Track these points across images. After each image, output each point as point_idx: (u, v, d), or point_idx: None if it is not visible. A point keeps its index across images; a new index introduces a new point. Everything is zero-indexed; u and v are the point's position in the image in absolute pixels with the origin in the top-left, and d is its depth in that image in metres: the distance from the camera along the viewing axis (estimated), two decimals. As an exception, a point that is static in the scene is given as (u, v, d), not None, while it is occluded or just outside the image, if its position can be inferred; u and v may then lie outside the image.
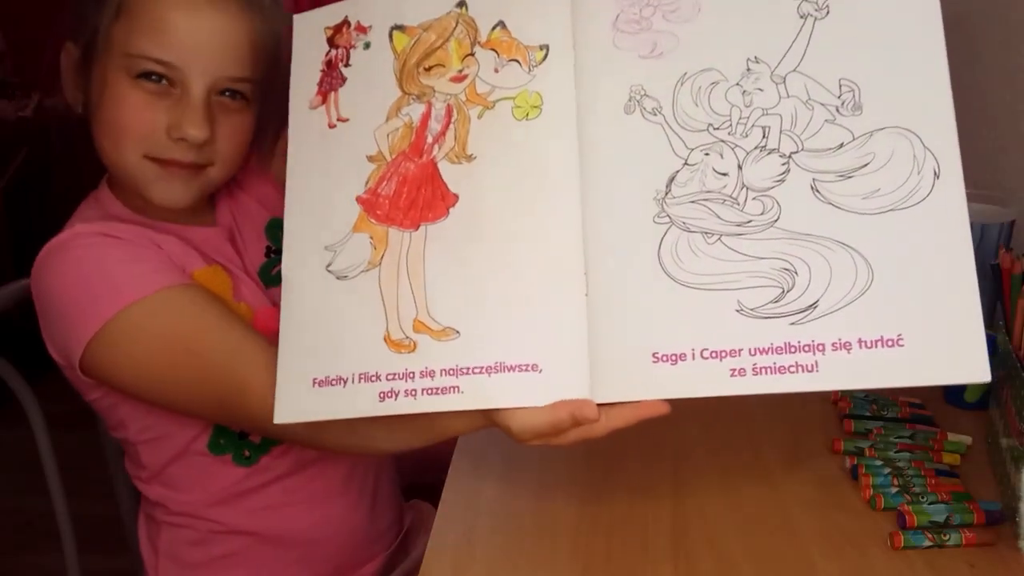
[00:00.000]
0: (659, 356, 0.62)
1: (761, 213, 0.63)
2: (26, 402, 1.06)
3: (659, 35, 0.67)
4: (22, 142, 2.69)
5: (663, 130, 0.66)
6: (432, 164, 0.70)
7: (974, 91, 1.20)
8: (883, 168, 0.62)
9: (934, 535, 0.75)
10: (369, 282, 0.69)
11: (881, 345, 0.59)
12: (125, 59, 0.81)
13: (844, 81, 0.64)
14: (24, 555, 2.01)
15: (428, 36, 0.72)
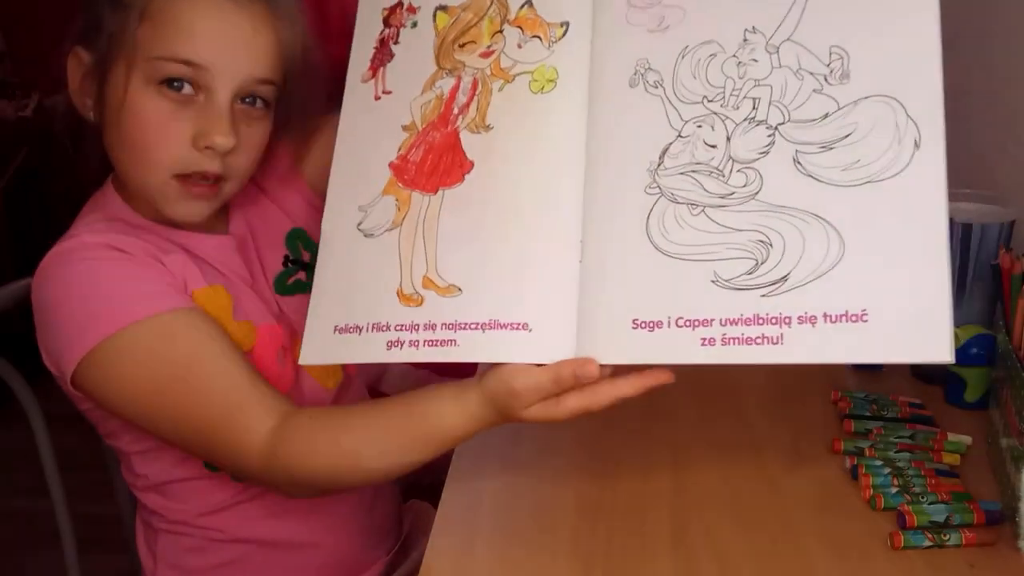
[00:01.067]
0: (639, 323, 0.64)
1: (744, 185, 0.64)
2: (26, 402, 1.06)
3: (667, 9, 0.69)
4: (22, 142, 2.69)
5: (662, 103, 0.67)
6: (455, 133, 0.75)
7: (974, 92, 1.20)
8: (865, 138, 0.62)
9: (934, 535, 0.75)
10: (390, 240, 0.75)
11: (845, 320, 0.59)
12: (148, 64, 0.80)
13: (834, 48, 0.63)
14: (24, 555, 2.01)
15: (466, 15, 0.77)
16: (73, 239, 0.83)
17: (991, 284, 0.97)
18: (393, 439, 0.76)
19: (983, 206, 1.02)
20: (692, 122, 0.66)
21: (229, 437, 0.77)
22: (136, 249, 0.82)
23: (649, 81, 0.68)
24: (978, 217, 0.98)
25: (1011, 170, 1.10)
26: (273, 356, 0.88)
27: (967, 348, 0.95)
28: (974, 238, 0.97)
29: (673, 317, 0.63)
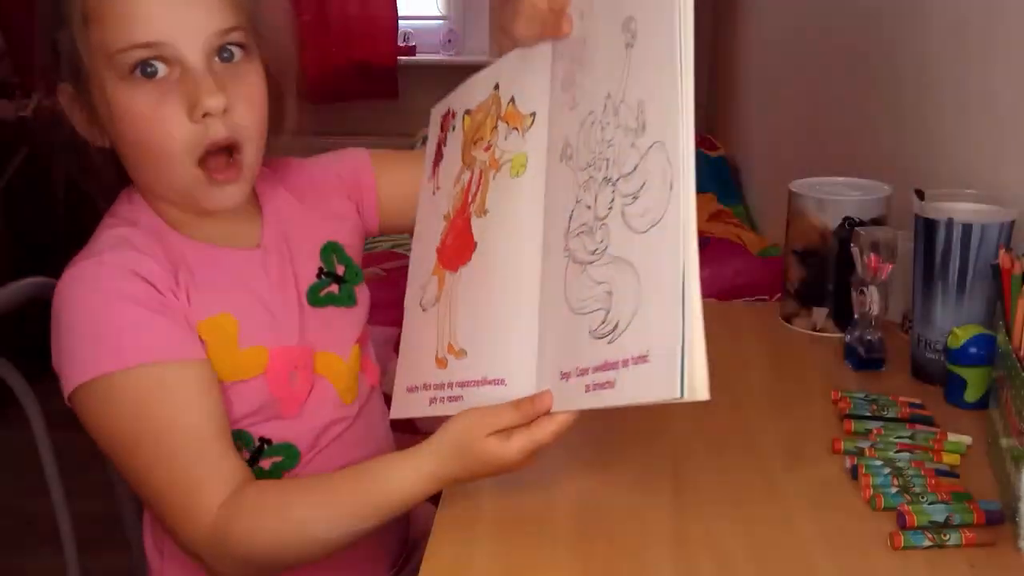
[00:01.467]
0: (563, 374, 0.71)
1: (602, 241, 0.70)
2: (26, 402, 1.06)
3: (576, 88, 0.77)
4: (22, 142, 2.69)
5: (572, 172, 0.75)
6: (468, 219, 0.86)
7: (975, 92, 1.20)
8: (651, 184, 0.65)
9: (934, 535, 0.75)
10: (434, 313, 0.87)
11: (638, 363, 0.64)
12: (112, 61, 0.79)
13: (639, 102, 0.68)
14: (24, 555, 2.01)
15: (479, 115, 0.89)
16: (94, 259, 0.82)
17: (991, 284, 0.97)
18: (341, 506, 0.79)
19: (983, 206, 1.02)
20: (582, 186, 0.73)
21: (183, 506, 0.79)
22: (154, 274, 0.82)
23: (568, 155, 0.76)
24: (978, 217, 0.98)
25: (1011, 170, 1.10)
26: (285, 378, 0.89)
27: (967, 348, 0.95)
28: (974, 238, 0.97)
29: (576, 368, 0.69)
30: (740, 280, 2.07)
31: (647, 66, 0.67)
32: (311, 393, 0.92)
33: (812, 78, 1.99)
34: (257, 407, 0.89)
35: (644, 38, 0.68)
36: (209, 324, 0.85)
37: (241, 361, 0.86)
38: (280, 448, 0.91)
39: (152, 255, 0.84)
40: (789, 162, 2.22)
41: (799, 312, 1.19)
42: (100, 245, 0.85)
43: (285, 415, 0.90)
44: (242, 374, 0.87)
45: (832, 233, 1.13)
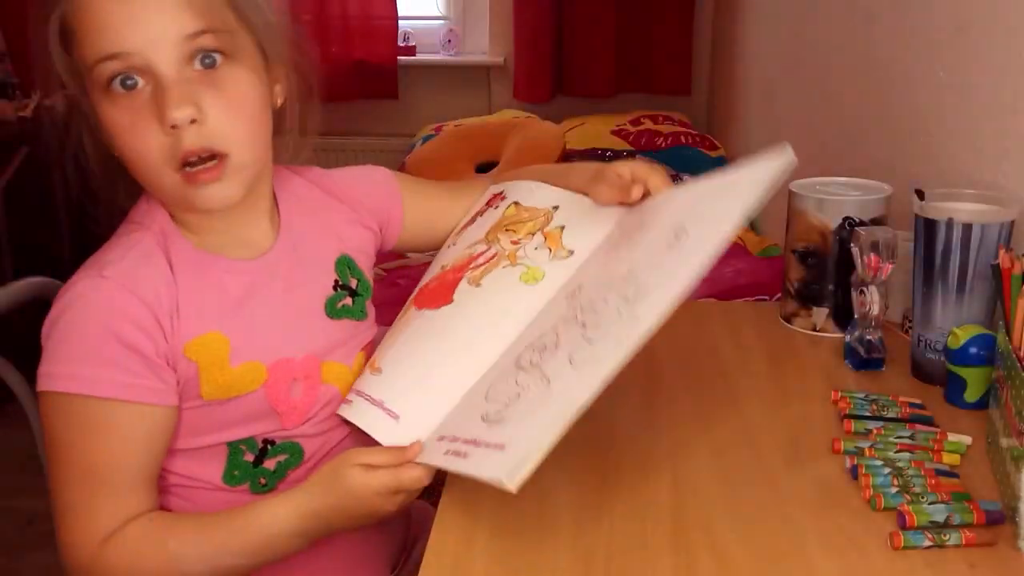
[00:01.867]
0: (440, 436, 0.82)
1: (544, 360, 0.80)
2: (26, 402, 1.06)
3: (616, 254, 0.88)
4: (22, 142, 2.69)
5: (567, 308, 0.85)
6: (459, 279, 0.95)
7: (975, 92, 1.20)
8: (607, 342, 0.76)
9: (934, 535, 0.75)
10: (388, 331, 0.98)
11: (493, 449, 0.74)
12: (91, 75, 0.80)
13: (646, 284, 0.79)
14: (24, 555, 2.01)
15: (523, 213, 0.99)
16: (98, 276, 0.83)
17: (991, 284, 0.97)
18: (213, 542, 0.83)
19: (983, 206, 1.02)
20: (564, 320, 0.83)
21: (73, 527, 0.83)
22: (148, 300, 0.83)
23: (572, 295, 0.86)
24: (978, 217, 0.98)
25: (1011, 170, 1.10)
26: (286, 391, 0.89)
27: (967, 348, 0.95)
28: (974, 238, 0.97)
29: (450, 435, 0.80)
30: (740, 280, 2.07)
31: (671, 265, 0.78)
32: (316, 401, 0.92)
33: (812, 78, 2.00)
34: (256, 418, 0.89)
35: (683, 246, 0.79)
36: (197, 344, 0.85)
37: (233, 379, 0.86)
38: (284, 447, 0.91)
39: (152, 270, 0.84)
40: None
41: (799, 312, 1.19)
42: (109, 254, 0.86)
43: (286, 426, 0.90)
44: (235, 391, 0.87)
45: (832, 233, 1.13)
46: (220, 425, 0.88)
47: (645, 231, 0.87)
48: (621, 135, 2.92)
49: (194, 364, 0.85)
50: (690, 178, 2.87)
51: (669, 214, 0.86)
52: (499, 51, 3.31)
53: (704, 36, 3.24)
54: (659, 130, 2.93)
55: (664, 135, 2.90)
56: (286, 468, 0.91)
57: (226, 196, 0.84)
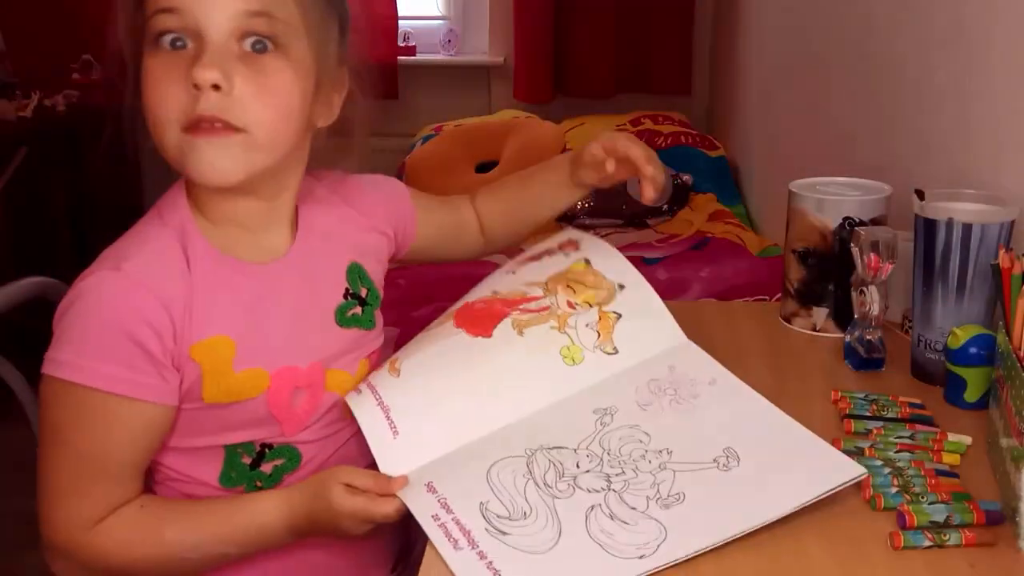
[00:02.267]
0: (430, 487, 0.82)
1: (562, 477, 0.82)
2: (26, 402, 1.06)
3: (650, 396, 0.90)
4: (22, 142, 2.69)
5: (593, 429, 0.87)
6: (505, 314, 0.96)
7: (975, 92, 1.20)
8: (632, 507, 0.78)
9: (934, 535, 0.75)
10: (422, 336, 1.00)
11: (463, 547, 0.75)
12: (146, 29, 0.81)
13: (669, 451, 0.84)
14: (24, 555, 2.01)
15: (590, 277, 1.00)
16: (116, 269, 0.82)
17: (991, 284, 0.97)
18: (205, 528, 0.85)
19: (983, 206, 1.02)
20: (587, 447, 0.85)
21: (59, 507, 0.84)
22: (162, 300, 0.82)
23: (603, 417, 0.88)
24: (978, 217, 0.98)
25: (1011, 170, 1.10)
26: (287, 398, 0.89)
27: (967, 348, 0.95)
28: (974, 238, 0.97)
29: (445, 501, 0.80)
30: (740, 280, 2.07)
31: (724, 502, 0.78)
32: (318, 409, 0.92)
33: (812, 78, 1.99)
34: (255, 423, 0.89)
35: (739, 483, 0.80)
36: (203, 347, 0.85)
37: (235, 384, 0.86)
38: (281, 450, 0.91)
39: (169, 269, 0.84)
40: (789, 162, 2.22)
41: (799, 312, 1.19)
42: (127, 248, 0.86)
43: (286, 433, 0.90)
44: (236, 396, 0.87)
45: (832, 233, 1.13)
46: (219, 428, 0.88)
47: (685, 408, 0.87)
48: (621, 135, 2.92)
49: (198, 367, 0.85)
50: (689, 178, 2.82)
51: (713, 416, 0.86)
52: (499, 51, 3.31)
53: (704, 36, 3.24)
54: (659, 130, 2.93)
55: (664, 135, 2.90)
56: (282, 472, 0.91)
57: (223, 167, 0.82)
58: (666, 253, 2.28)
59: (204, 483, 0.90)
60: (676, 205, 2.61)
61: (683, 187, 2.64)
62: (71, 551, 0.84)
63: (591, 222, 2.56)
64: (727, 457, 0.80)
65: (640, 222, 2.56)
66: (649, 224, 2.55)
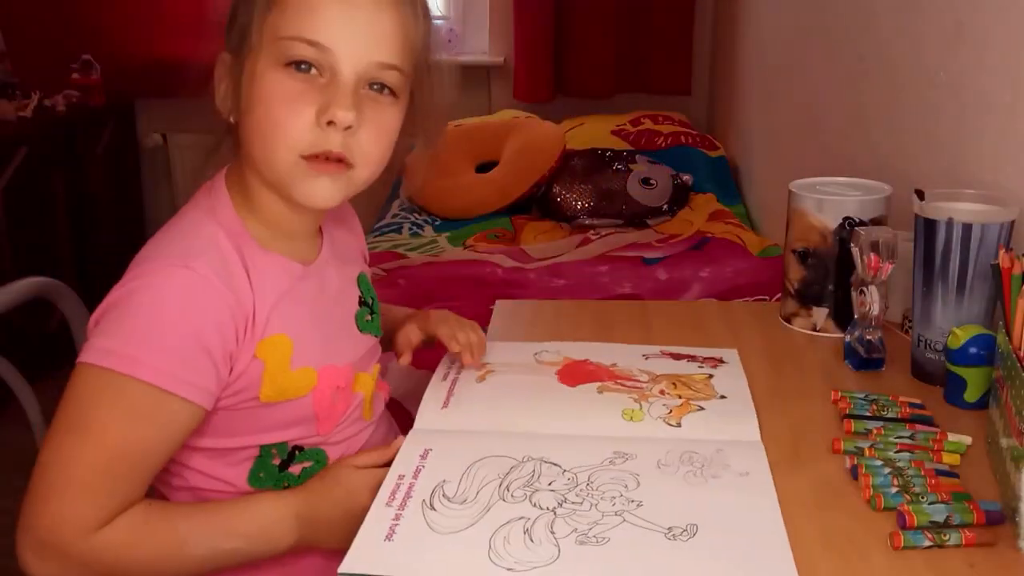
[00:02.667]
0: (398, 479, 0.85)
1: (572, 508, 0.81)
2: (26, 402, 1.06)
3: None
4: (22, 142, 2.69)
5: (617, 474, 0.85)
6: (601, 379, 1.04)
7: (975, 92, 1.20)
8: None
9: (934, 535, 0.75)
10: (521, 348, 1.13)
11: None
12: (276, 45, 0.83)
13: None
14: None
15: (702, 388, 1.01)
16: (185, 266, 0.81)
17: (991, 284, 0.97)
18: (216, 522, 0.84)
19: (983, 206, 1.02)
20: (572, 471, 0.85)
21: (66, 501, 0.79)
22: (235, 294, 0.83)
23: (614, 457, 0.88)
24: (978, 217, 0.98)
25: (1011, 170, 1.10)
26: (329, 395, 0.91)
27: (967, 348, 0.95)
28: (974, 238, 0.97)
29: (423, 466, 0.85)
30: (740, 280, 2.07)
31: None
32: (348, 408, 0.95)
33: (812, 78, 2.00)
34: (296, 423, 0.90)
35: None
36: (267, 344, 0.86)
37: (290, 382, 0.88)
38: (310, 453, 0.92)
39: (234, 269, 0.84)
40: (789, 162, 2.22)
41: (799, 312, 1.19)
42: (188, 244, 0.84)
43: (320, 431, 0.92)
44: (290, 394, 0.88)
45: (832, 233, 1.13)
46: (257, 428, 0.89)
47: (696, 482, 0.84)
48: (621, 135, 2.92)
49: (261, 364, 0.85)
50: (689, 178, 2.83)
51: (711, 498, 0.82)
52: (499, 51, 3.31)
53: (704, 36, 3.24)
54: (659, 130, 2.93)
55: (664, 135, 2.90)
56: (310, 474, 0.92)
57: (327, 196, 0.86)
58: (666, 253, 2.28)
59: (231, 483, 0.90)
60: (676, 205, 2.61)
61: (683, 187, 2.64)
62: (72, 552, 0.79)
63: (591, 222, 2.56)
64: (684, 531, 0.76)
65: (640, 222, 2.56)
66: (649, 224, 2.55)
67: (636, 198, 2.58)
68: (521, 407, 0.97)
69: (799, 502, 0.81)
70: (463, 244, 2.47)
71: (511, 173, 2.72)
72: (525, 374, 1.05)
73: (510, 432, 0.92)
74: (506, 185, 2.70)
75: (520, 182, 2.68)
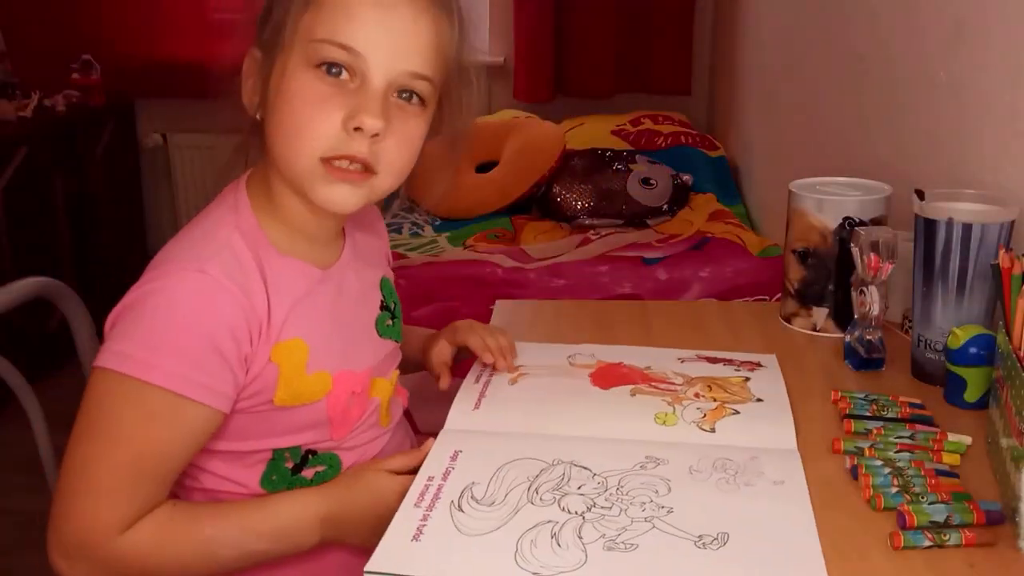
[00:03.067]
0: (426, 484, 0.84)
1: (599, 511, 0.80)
2: (26, 402, 1.06)
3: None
4: (22, 142, 2.69)
5: (648, 480, 0.84)
6: (635, 382, 1.03)
7: (975, 92, 1.20)
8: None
9: (934, 535, 0.75)
10: (555, 350, 1.13)
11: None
12: (309, 46, 0.82)
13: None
14: (24, 555, 2.01)
15: (737, 390, 1.01)
16: (200, 269, 0.81)
17: (991, 284, 0.97)
18: (243, 523, 0.85)
19: (983, 206, 1.02)
20: (602, 474, 0.85)
21: (90, 503, 0.79)
22: (250, 298, 0.82)
23: (645, 462, 0.87)
24: (978, 217, 0.98)
25: (1011, 170, 1.10)
26: (344, 401, 0.90)
27: (967, 348, 0.95)
28: (974, 238, 0.97)
29: (452, 468, 0.85)
30: (740, 280, 2.07)
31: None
32: (364, 414, 0.94)
33: (812, 78, 2.00)
34: (310, 427, 0.90)
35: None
36: (283, 348, 0.85)
37: (305, 387, 0.87)
38: (323, 458, 0.92)
39: (249, 273, 0.84)
40: (789, 162, 2.22)
41: (799, 312, 1.19)
42: (202, 249, 0.84)
43: (334, 436, 0.91)
44: (305, 398, 0.88)
45: (832, 233, 1.13)
46: (274, 431, 0.88)
47: (728, 489, 0.83)
48: (621, 135, 2.92)
49: (276, 368, 0.85)
50: (689, 178, 2.83)
51: (745, 506, 0.80)
52: (499, 51, 3.31)
53: (704, 36, 3.24)
54: (659, 130, 2.93)
55: (664, 135, 2.90)
56: (323, 478, 0.92)
57: (347, 201, 0.85)
58: (666, 253, 2.28)
59: (244, 485, 0.89)
60: (676, 205, 2.61)
61: (683, 187, 2.64)
62: (99, 554, 0.80)
63: (591, 222, 2.56)
64: (714, 539, 0.75)
65: (640, 222, 2.56)
66: (649, 224, 2.55)
67: (636, 198, 2.57)
68: (553, 410, 0.97)
69: (799, 502, 0.81)
70: (463, 244, 2.47)
71: (511, 173, 2.72)
72: (558, 376, 1.04)
73: (541, 435, 0.92)
74: (506, 185, 2.70)
75: (520, 182, 2.68)
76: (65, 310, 1.10)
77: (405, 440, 1.03)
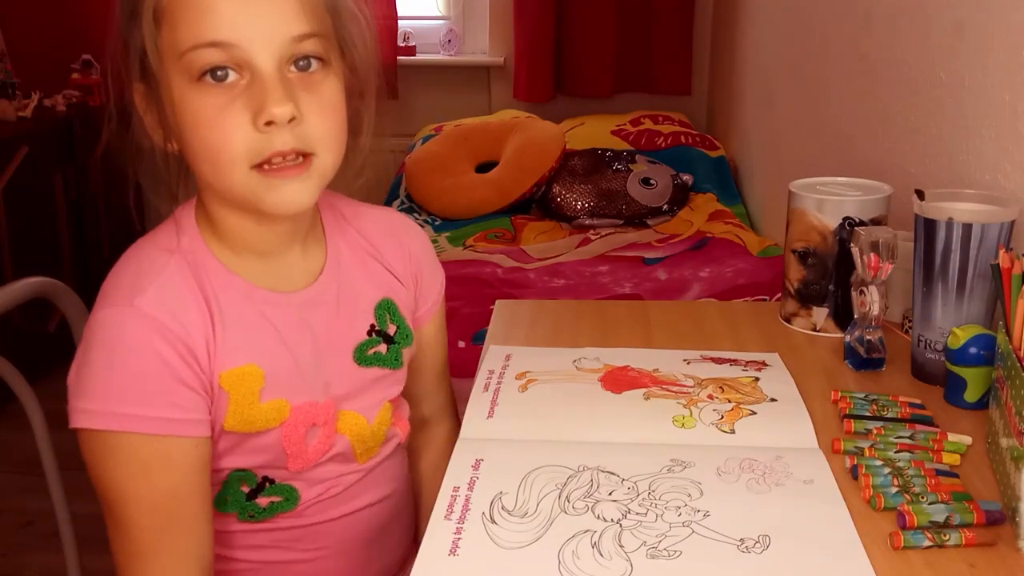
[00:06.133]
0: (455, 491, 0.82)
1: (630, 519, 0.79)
2: (26, 402, 1.06)
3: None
4: (22, 142, 2.69)
5: (682, 484, 0.83)
6: (646, 385, 1.01)
7: (975, 92, 1.20)
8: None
9: (934, 535, 0.75)
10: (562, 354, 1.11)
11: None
12: (181, 61, 0.76)
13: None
14: (24, 555, 2.01)
15: (749, 390, 1.00)
16: (129, 306, 0.79)
17: (991, 284, 0.97)
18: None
19: (983, 206, 1.02)
20: (631, 479, 0.84)
21: (158, 565, 0.80)
22: (187, 328, 0.80)
23: (672, 465, 0.86)
24: (978, 217, 0.98)
25: (1011, 170, 1.10)
26: (301, 433, 0.87)
27: (967, 348, 0.95)
28: (974, 238, 0.97)
29: (477, 477, 0.83)
30: (740, 280, 2.07)
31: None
32: (328, 450, 0.90)
33: (812, 78, 2.00)
34: (265, 457, 0.87)
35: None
36: (233, 375, 0.83)
37: (259, 415, 0.84)
38: (281, 488, 0.89)
39: (185, 299, 0.81)
40: (789, 162, 2.22)
41: (799, 312, 1.19)
42: (136, 280, 0.81)
43: (291, 467, 0.88)
44: (258, 426, 0.85)
45: (832, 233, 1.13)
46: (229, 451, 0.86)
47: (760, 489, 0.82)
48: (621, 135, 2.92)
49: (225, 395, 0.82)
50: (689, 178, 2.83)
51: (781, 507, 0.80)
52: (499, 51, 3.31)
53: (704, 36, 3.24)
54: (659, 130, 2.94)
55: (664, 135, 2.91)
56: (277, 509, 0.90)
57: (301, 196, 0.80)
58: (666, 253, 2.28)
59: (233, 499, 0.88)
60: (676, 205, 2.61)
61: (683, 187, 2.64)
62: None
63: (591, 222, 2.56)
64: (756, 542, 0.75)
65: (640, 222, 2.56)
66: (649, 224, 2.56)
67: (636, 198, 2.58)
68: (569, 415, 0.95)
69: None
70: (463, 244, 2.47)
71: (511, 173, 2.72)
72: (567, 382, 1.02)
73: (561, 441, 0.90)
74: (506, 185, 2.70)
75: (520, 182, 2.69)
76: (65, 310, 1.10)
77: (397, 471, 1.00)
